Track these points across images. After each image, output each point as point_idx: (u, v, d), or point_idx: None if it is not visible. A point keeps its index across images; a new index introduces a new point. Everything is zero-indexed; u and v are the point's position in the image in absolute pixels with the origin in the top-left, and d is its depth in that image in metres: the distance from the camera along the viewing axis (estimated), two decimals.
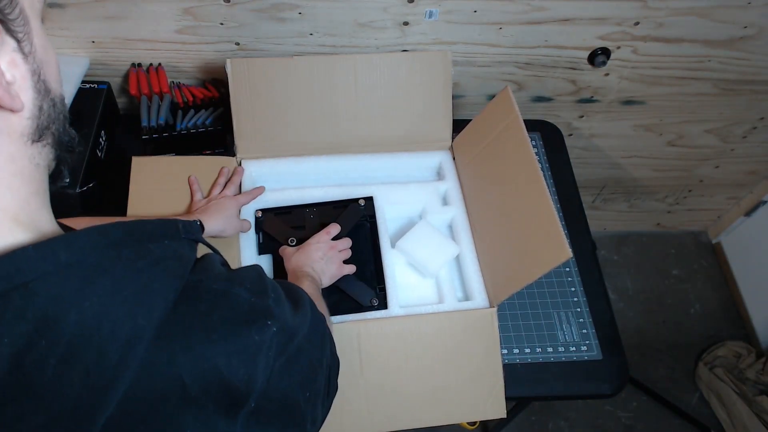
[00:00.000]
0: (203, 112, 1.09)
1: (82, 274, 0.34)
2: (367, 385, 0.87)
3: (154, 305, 0.36)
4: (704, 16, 1.11)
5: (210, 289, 0.41)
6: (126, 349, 0.34)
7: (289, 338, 0.45)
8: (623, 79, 1.27)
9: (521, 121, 0.90)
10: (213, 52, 1.11)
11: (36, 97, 0.37)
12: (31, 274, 0.32)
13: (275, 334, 0.43)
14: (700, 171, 1.63)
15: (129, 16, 1.03)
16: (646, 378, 1.72)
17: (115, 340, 0.34)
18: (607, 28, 1.13)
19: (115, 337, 0.34)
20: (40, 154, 0.38)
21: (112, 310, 0.34)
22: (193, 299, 0.39)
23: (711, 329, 1.82)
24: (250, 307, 0.42)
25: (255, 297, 0.43)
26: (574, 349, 0.98)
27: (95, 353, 0.33)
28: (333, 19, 1.07)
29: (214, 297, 0.41)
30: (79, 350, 0.33)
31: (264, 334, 0.42)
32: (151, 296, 0.36)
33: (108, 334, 0.34)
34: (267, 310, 0.43)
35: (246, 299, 0.42)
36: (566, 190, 1.17)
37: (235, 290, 0.42)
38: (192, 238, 0.43)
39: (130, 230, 0.38)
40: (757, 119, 1.42)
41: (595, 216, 1.82)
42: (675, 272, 1.93)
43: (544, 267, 0.81)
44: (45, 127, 0.38)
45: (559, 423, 1.64)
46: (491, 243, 0.97)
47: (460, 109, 1.31)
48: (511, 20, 1.10)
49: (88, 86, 1.08)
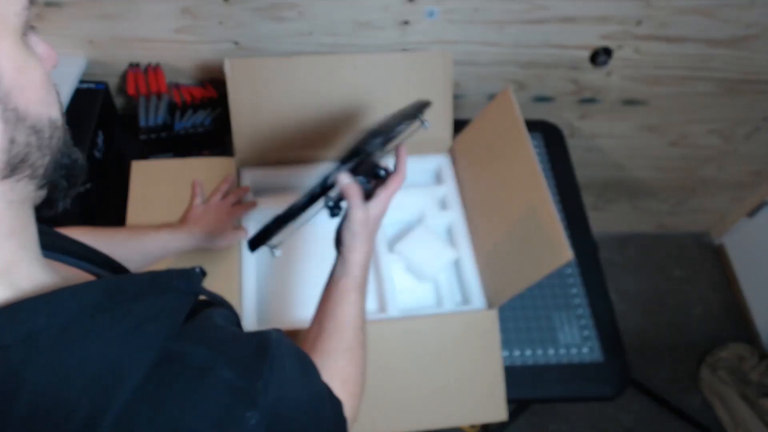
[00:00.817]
0: (201, 112, 1.08)
1: (44, 344, 0.32)
2: (367, 387, 0.86)
3: (121, 384, 0.33)
4: (707, 16, 1.11)
5: (189, 366, 0.37)
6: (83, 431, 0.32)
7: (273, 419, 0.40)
8: (625, 79, 1.26)
9: (522, 122, 0.90)
10: (211, 51, 1.11)
11: (4, 128, 0.32)
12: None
13: (254, 427, 0.38)
14: (702, 172, 1.62)
15: (127, 16, 1.02)
16: (647, 380, 1.71)
17: (70, 420, 0.31)
18: (609, 28, 1.13)
19: (71, 418, 0.31)
20: (12, 190, 0.34)
21: (72, 388, 0.32)
22: (167, 377, 0.36)
23: (713, 331, 1.81)
24: (230, 393, 0.38)
25: (241, 378, 0.39)
26: (575, 350, 0.97)
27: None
28: (332, 19, 1.06)
29: (191, 377, 0.37)
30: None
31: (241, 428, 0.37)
32: (118, 373, 0.34)
33: (62, 415, 0.31)
34: (250, 397, 0.38)
35: (228, 382, 0.38)
36: (568, 191, 1.17)
37: (218, 370, 0.38)
38: (187, 290, 0.41)
39: (110, 291, 0.36)
40: (760, 119, 1.41)
41: (597, 217, 1.81)
42: (677, 273, 1.92)
43: (545, 269, 0.80)
44: (20, 160, 0.34)
45: (560, 425, 1.63)
46: (491, 245, 0.96)
47: (460, 109, 1.30)
48: (512, 19, 1.09)
49: (85, 86, 1.07)
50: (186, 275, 0.42)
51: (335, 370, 0.60)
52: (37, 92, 0.35)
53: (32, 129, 0.34)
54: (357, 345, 0.64)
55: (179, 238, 0.86)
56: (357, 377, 0.63)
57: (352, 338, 0.64)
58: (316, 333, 0.63)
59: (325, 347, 0.62)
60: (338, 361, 0.61)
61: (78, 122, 1.02)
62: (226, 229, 0.92)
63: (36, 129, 0.34)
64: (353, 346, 0.64)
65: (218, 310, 0.45)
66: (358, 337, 0.65)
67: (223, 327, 0.43)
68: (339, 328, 0.63)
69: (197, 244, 0.88)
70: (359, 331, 0.65)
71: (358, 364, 0.63)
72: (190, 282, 0.41)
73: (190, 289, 0.41)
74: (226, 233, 0.91)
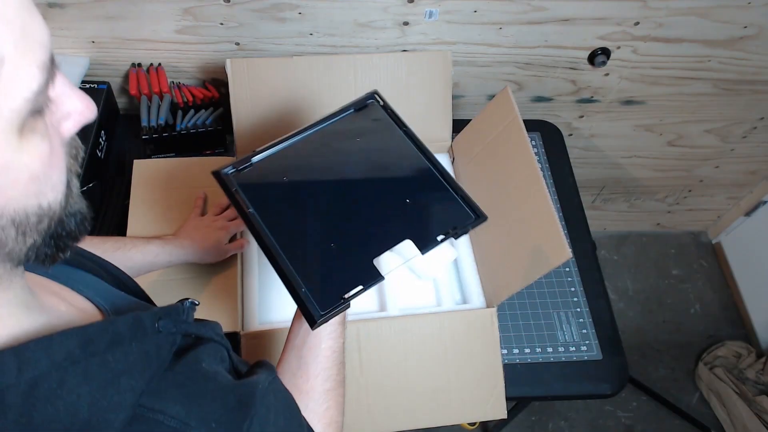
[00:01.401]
0: (203, 112, 1.09)
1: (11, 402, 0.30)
2: (367, 386, 0.87)
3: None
4: (704, 16, 1.11)
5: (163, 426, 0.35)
6: None
7: None
8: (623, 79, 1.27)
9: (521, 122, 0.90)
10: (213, 52, 1.11)
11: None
12: None
13: None
14: (700, 171, 1.63)
15: (129, 16, 1.03)
16: (646, 378, 1.72)
17: None
18: (607, 28, 1.13)
19: None
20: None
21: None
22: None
23: (711, 329, 1.82)
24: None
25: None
26: (573, 349, 0.98)
27: None
28: (333, 19, 1.07)
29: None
30: None
31: None
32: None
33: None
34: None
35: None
36: (566, 190, 1.17)
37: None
38: (172, 331, 0.39)
39: (85, 341, 0.34)
40: (757, 119, 1.42)
41: (595, 216, 1.82)
42: (675, 272, 1.93)
43: (544, 268, 0.81)
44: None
45: (559, 423, 1.64)
46: (491, 244, 0.97)
47: (460, 109, 1.31)
48: (511, 20, 1.10)
49: (88, 86, 1.08)
50: (173, 314, 0.40)
51: (318, 413, 0.59)
52: (23, 188, 0.30)
53: (10, 222, 0.30)
54: (339, 383, 0.63)
55: (168, 252, 0.84)
56: (338, 419, 0.62)
57: (335, 376, 0.62)
58: (295, 367, 0.61)
59: (308, 387, 0.60)
60: (321, 405, 0.60)
61: None
62: (219, 245, 0.90)
63: (15, 222, 0.30)
64: (335, 385, 0.62)
65: (207, 348, 0.42)
66: (340, 374, 0.63)
67: (207, 375, 0.40)
68: (322, 366, 0.61)
69: (187, 258, 0.87)
70: (341, 367, 0.63)
71: (339, 404, 0.62)
72: (175, 323, 0.40)
73: (174, 330, 0.39)
74: (218, 249, 0.90)
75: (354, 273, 0.63)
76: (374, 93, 0.78)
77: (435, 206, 0.71)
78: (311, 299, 0.60)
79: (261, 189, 0.67)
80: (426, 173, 0.73)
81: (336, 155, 0.73)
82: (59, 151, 0.32)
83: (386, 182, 0.73)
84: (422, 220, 0.70)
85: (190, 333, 0.42)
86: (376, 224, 0.68)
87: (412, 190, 0.71)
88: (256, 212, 0.65)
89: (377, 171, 0.73)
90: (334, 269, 0.63)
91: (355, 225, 0.67)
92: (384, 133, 0.76)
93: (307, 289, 0.60)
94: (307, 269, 0.62)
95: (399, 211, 0.69)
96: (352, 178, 0.72)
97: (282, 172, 0.70)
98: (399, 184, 0.72)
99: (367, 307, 0.96)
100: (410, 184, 0.72)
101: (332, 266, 0.63)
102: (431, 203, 0.71)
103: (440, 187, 0.72)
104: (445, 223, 0.69)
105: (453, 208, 0.71)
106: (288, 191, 0.69)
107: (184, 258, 0.86)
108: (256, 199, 0.66)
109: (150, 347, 0.37)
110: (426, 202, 0.71)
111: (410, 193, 0.71)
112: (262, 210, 0.65)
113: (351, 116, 0.76)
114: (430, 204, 0.71)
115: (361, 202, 0.69)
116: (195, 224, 0.92)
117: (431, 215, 0.70)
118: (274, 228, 0.64)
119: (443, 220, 0.70)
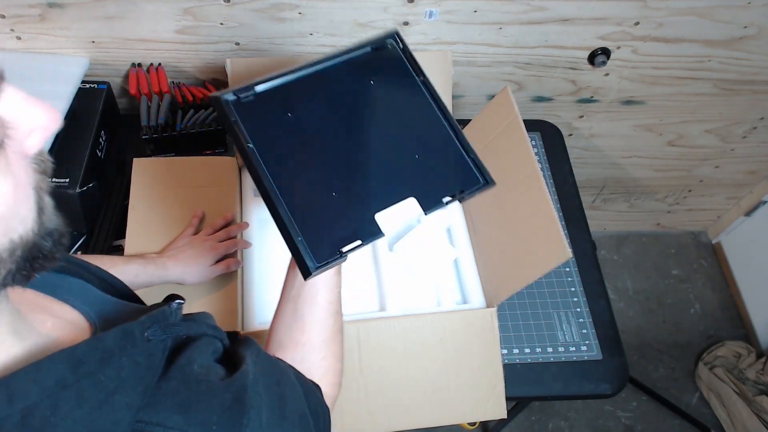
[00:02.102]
0: (203, 112, 1.09)
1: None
2: (366, 385, 0.87)
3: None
4: (704, 16, 1.11)
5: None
6: None
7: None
8: (623, 79, 1.27)
9: (521, 121, 0.90)
10: (213, 52, 1.11)
11: None
12: None
13: None
14: (700, 171, 1.63)
15: (129, 16, 1.03)
16: (645, 378, 1.72)
17: None
18: (607, 28, 1.13)
19: None
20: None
21: None
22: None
23: (711, 329, 1.82)
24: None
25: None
26: (573, 349, 0.98)
27: None
28: (333, 19, 1.07)
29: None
30: None
31: None
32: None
33: None
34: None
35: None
36: (566, 190, 1.17)
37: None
38: (162, 338, 0.39)
39: (75, 362, 0.33)
40: (757, 119, 1.42)
41: (595, 216, 1.82)
42: (675, 272, 1.93)
43: (544, 267, 0.81)
44: None
45: (559, 423, 1.64)
46: (491, 243, 0.97)
47: (460, 109, 1.31)
48: (511, 20, 1.10)
49: (88, 86, 1.08)
50: (161, 319, 0.39)
51: (315, 363, 0.58)
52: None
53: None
54: (336, 332, 0.62)
55: (149, 273, 0.81)
56: (336, 366, 0.61)
57: (331, 326, 0.61)
58: (291, 320, 0.61)
59: (305, 339, 0.59)
60: (317, 354, 0.59)
61: (80, 122, 1.02)
62: (203, 266, 0.88)
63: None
64: (332, 335, 0.61)
65: (199, 345, 0.42)
66: (337, 324, 0.62)
67: (200, 377, 0.40)
68: (318, 317, 0.60)
69: (168, 279, 0.84)
70: (338, 317, 0.62)
71: (335, 354, 0.61)
72: (164, 329, 0.39)
73: (164, 336, 0.39)
74: (202, 269, 0.87)
75: (354, 226, 0.60)
76: (395, 32, 0.71)
77: (444, 166, 0.67)
78: (307, 249, 0.56)
79: (262, 123, 0.61)
80: (439, 129, 0.68)
81: (346, 97, 0.66)
82: (25, 180, 0.30)
83: (396, 134, 0.67)
84: (429, 178, 0.65)
85: (181, 334, 0.42)
86: (381, 177, 0.64)
87: (422, 146, 0.67)
88: (256, 148, 0.59)
89: (388, 120, 0.68)
90: (334, 220, 0.59)
91: (359, 175, 0.63)
92: (400, 79, 0.70)
93: (303, 238, 0.57)
94: (306, 217, 0.58)
95: (406, 166, 0.65)
96: (360, 125, 0.66)
97: (286, 107, 0.63)
98: (409, 137, 0.67)
99: (367, 307, 0.96)
100: (421, 139, 0.67)
101: (332, 216, 0.59)
102: (440, 162, 0.67)
103: (452, 146, 0.67)
104: (453, 185, 0.65)
105: (462, 170, 0.67)
106: (291, 129, 0.63)
107: (165, 279, 0.83)
108: (257, 134, 0.60)
109: (141, 358, 0.37)
110: (435, 161, 0.66)
111: (420, 148, 0.66)
112: (262, 146, 0.59)
113: (367, 55, 0.69)
114: (439, 163, 0.67)
115: (368, 152, 0.64)
116: (185, 242, 0.91)
117: (439, 175, 0.66)
118: (274, 168, 0.59)
119: (451, 181, 0.65)
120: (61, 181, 0.95)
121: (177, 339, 0.41)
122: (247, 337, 0.50)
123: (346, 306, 0.94)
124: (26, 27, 1.03)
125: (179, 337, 0.42)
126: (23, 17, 1.01)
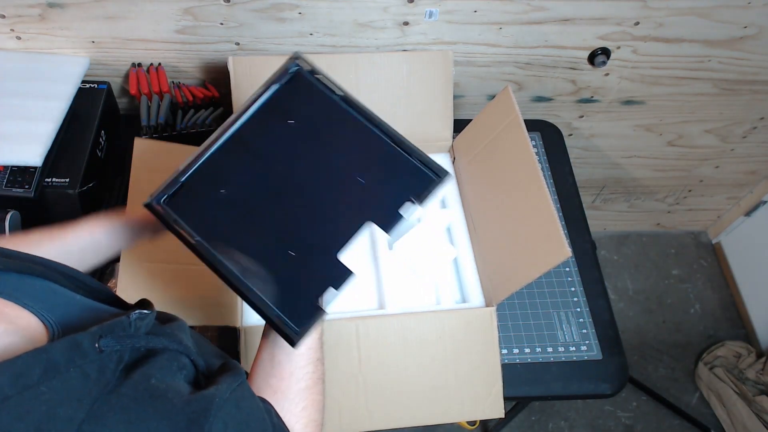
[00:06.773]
0: (203, 112, 1.09)
1: None
2: (365, 383, 0.88)
3: None
4: (704, 16, 1.11)
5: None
6: None
7: None
8: (623, 79, 1.27)
9: (521, 121, 0.90)
10: (213, 52, 1.11)
11: None
12: None
13: None
14: (700, 171, 1.63)
15: (129, 16, 1.03)
16: (645, 378, 1.72)
17: None
18: (607, 28, 1.14)
19: None
20: None
21: None
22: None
23: (711, 329, 1.82)
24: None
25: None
26: (573, 348, 0.98)
27: None
28: (333, 19, 1.07)
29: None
30: None
31: None
32: None
33: None
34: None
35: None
36: (566, 190, 1.17)
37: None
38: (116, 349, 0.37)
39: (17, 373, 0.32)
40: (757, 119, 1.42)
41: (595, 216, 1.82)
42: (675, 272, 1.93)
43: (544, 266, 0.81)
44: None
45: (558, 423, 1.64)
46: (491, 242, 0.97)
47: (460, 109, 1.31)
48: (511, 20, 1.10)
49: (88, 86, 1.08)
50: (116, 330, 0.38)
51: (295, 413, 0.56)
52: None
53: None
54: (315, 381, 0.59)
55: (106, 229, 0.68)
56: (316, 417, 0.58)
57: (311, 374, 0.58)
58: (269, 367, 0.58)
59: (283, 387, 0.57)
60: (297, 404, 0.56)
61: (80, 122, 1.02)
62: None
63: None
64: (312, 383, 0.58)
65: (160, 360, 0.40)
66: (317, 372, 0.59)
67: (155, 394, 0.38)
68: (297, 365, 0.57)
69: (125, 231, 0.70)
70: (318, 365, 0.60)
71: (316, 402, 0.59)
72: (119, 340, 0.38)
73: (119, 347, 0.37)
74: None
75: (322, 275, 0.58)
76: (296, 56, 0.67)
77: (392, 177, 0.63)
78: (286, 321, 0.55)
79: (200, 212, 0.60)
80: (374, 143, 0.64)
81: (271, 147, 0.63)
82: None
83: (333, 164, 0.63)
84: (380, 196, 0.62)
85: (139, 347, 0.40)
86: (332, 215, 0.61)
87: (363, 166, 0.63)
88: (204, 240, 0.58)
89: (320, 154, 0.63)
90: (301, 279, 0.58)
91: (310, 223, 0.61)
92: (318, 106, 0.65)
93: (279, 310, 0.56)
94: (273, 289, 0.57)
95: (354, 193, 0.62)
96: (295, 171, 0.62)
97: (217, 184, 0.61)
98: (348, 163, 0.63)
99: (366, 305, 0.96)
100: (360, 160, 0.63)
101: (298, 277, 0.58)
102: (387, 175, 0.63)
103: (392, 153, 0.63)
104: (406, 193, 0.61)
105: (411, 174, 0.62)
106: (229, 205, 0.61)
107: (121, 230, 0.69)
108: (199, 225, 0.59)
109: (91, 370, 0.36)
110: (381, 176, 0.63)
111: (362, 170, 0.63)
112: (208, 236, 0.58)
113: (278, 93, 0.65)
114: (385, 176, 0.63)
115: (312, 195, 0.62)
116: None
117: (389, 188, 0.62)
118: (227, 252, 0.58)
119: (403, 189, 0.62)
120: (61, 181, 0.95)
121: (136, 351, 0.39)
122: (237, 366, 0.48)
123: (346, 304, 0.95)
124: (26, 27, 1.03)
125: (137, 350, 0.40)
126: (23, 17, 1.02)
